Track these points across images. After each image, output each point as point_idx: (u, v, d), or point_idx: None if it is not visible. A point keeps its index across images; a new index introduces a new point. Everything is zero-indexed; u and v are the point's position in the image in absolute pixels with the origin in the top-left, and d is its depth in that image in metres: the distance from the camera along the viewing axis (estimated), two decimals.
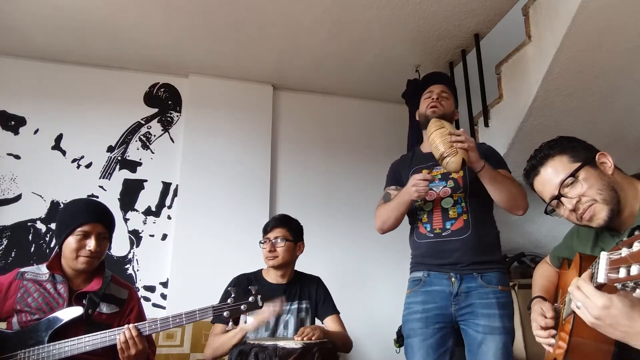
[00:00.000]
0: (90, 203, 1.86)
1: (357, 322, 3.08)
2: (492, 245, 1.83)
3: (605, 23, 2.18)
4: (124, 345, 1.55)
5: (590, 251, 1.30)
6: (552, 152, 1.27)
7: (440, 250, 1.81)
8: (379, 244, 3.27)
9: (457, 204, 1.83)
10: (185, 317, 1.62)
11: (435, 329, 1.77)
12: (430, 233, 1.85)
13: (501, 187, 1.74)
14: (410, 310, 1.85)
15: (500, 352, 1.67)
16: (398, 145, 3.39)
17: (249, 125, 3.49)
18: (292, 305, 2.13)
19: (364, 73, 3.50)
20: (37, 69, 3.22)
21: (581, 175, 1.21)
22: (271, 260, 2.14)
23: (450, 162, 1.66)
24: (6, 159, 3.05)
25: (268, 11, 2.79)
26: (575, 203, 1.21)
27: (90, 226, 1.68)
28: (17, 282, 1.68)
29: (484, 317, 1.71)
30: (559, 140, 1.31)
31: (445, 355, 1.76)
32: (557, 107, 2.56)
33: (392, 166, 2.11)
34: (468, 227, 1.80)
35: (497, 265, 1.81)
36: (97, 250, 1.69)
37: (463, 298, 1.75)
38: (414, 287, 1.88)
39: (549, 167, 1.27)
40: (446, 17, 2.85)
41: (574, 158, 1.24)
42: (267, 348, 1.63)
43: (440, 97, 1.96)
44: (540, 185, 1.30)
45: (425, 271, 1.85)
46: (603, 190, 1.19)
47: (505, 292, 1.78)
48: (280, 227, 2.18)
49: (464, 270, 1.78)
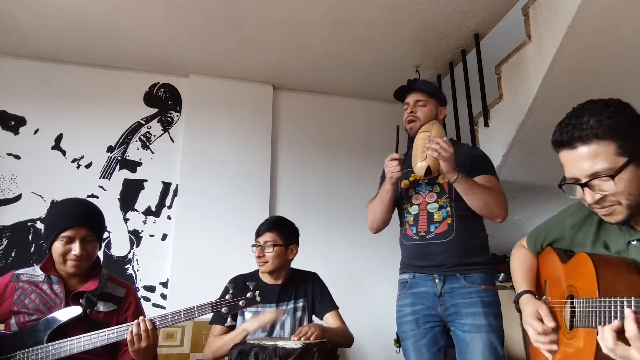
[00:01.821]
0: (73, 205, 1.75)
1: (357, 322, 3.07)
2: (476, 249, 1.84)
3: (605, 23, 2.17)
4: (136, 337, 1.54)
5: (592, 244, 1.21)
6: (601, 132, 1.02)
7: (424, 252, 1.84)
8: (379, 243, 3.26)
9: (443, 208, 1.85)
10: (183, 313, 1.61)
11: (426, 329, 1.81)
12: (415, 235, 1.87)
13: (476, 197, 1.75)
14: (402, 313, 1.88)
15: (488, 350, 1.68)
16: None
17: (249, 125, 3.49)
18: (288, 305, 2.13)
19: (364, 73, 3.50)
20: (37, 69, 3.23)
21: (620, 175, 1.02)
22: (261, 266, 2.13)
23: (416, 167, 1.72)
24: (6, 159, 3.05)
25: (268, 11, 2.79)
26: (598, 199, 1.06)
27: (73, 231, 1.64)
28: (12, 284, 1.67)
29: (468, 317, 1.73)
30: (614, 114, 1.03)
31: (439, 353, 1.80)
32: (557, 107, 2.56)
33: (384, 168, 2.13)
34: (452, 230, 1.82)
35: (481, 267, 1.82)
36: (83, 254, 1.65)
37: (447, 298, 1.78)
38: (402, 289, 1.92)
39: (589, 149, 1.03)
40: (446, 17, 2.85)
41: (621, 150, 1.02)
42: (267, 348, 1.63)
43: (415, 108, 1.96)
44: (568, 161, 1.08)
45: (411, 273, 1.89)
46: (632, 196, 1.04)
47: (490, 291, 1.79)
48: (270, 231, 2.15)
49: (447, 272, 1.80)
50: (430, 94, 1.98)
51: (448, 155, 1.66)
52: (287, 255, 2.18)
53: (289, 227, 2.23)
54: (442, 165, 1.68)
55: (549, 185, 3.06)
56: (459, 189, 1.74)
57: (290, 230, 2.22)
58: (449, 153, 1.67)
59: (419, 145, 1.75)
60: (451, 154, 1.67)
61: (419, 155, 1.72)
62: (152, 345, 1.58)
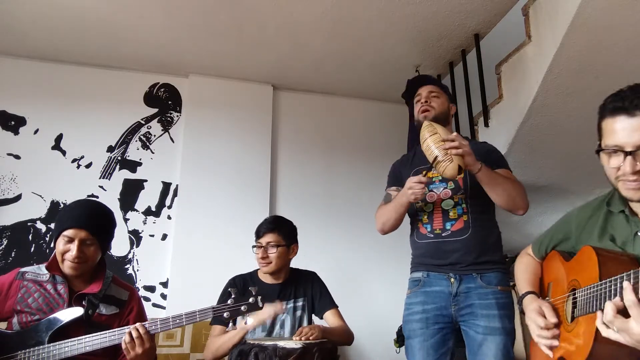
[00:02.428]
0: (83, 207, 1.76)
1: (357, 322, 3.07)
2: (492, 246, 1.82)
3: (605, 23, 2.17)
4: (130, 345, 1.54)
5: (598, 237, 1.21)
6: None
7: (440, 250, 1.81)
8: (379, 243, 3.27)
9: (458, 205, 1.82)
10: (185, 317, 1.61)
11: (435, 329, 1.77)
12: (430, 233, 1.84)
13: (499, 188, 1.72)
14: (411, 311, 1.84)
15: (501, 353, 1.67)
16: (398, 145, 3.39)
17: (249, 125, 3.49)
18: (288, 304, 2.13)
19: (364, 73, 3.50)
20: (37, 69, 3.23)
21: None
22: (264, 267, 2.13)
23: (447, 170, 1.65)
24: (6, 159, 3.05)
25: (268, 11, 2.79)
26: (638, 169, 1.05)
27: (73, 231, 1.64)
28: (17, 282, 1.67)
29: (483, 318, 1.71)
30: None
31: (445, 355, 1.76)
32: (557, 107, 2.56)
33: (393, 166, 2.10)
34: (468, 227, 1.79)
35: (497, 266, 1.80)
36: (79, 256, 1.63)
37: (462, 298, 1.75)
38: (414, 287, 1.87)
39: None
40: (446, 17, 2.85)
41: None
42: (267, 348, 1.63)
43: (429, 98, 1.95)
44: (620, 126, 1.08)
45: (424, 271, 1.85)
46: None
47: (505, 292, 1.77)
48: (272, 232, 2.15)
49: (463, 271, 1.77)
50: (442, 87, 2.00)
51: (469, 149, 1.64)
52: (289, 255, 2.19)
53: (288, 226, 2.23)
54: (468, 159, 1.64)
55: (549, 185, 3.06)
56: (482, 180, 1.70)
57: (290, 229, 2.23)
58: (468, 146, 1.64)
59: (437, 148, 1.67)
60: (469, 146, 1.65)
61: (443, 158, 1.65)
62: (149, 350, 1.57)
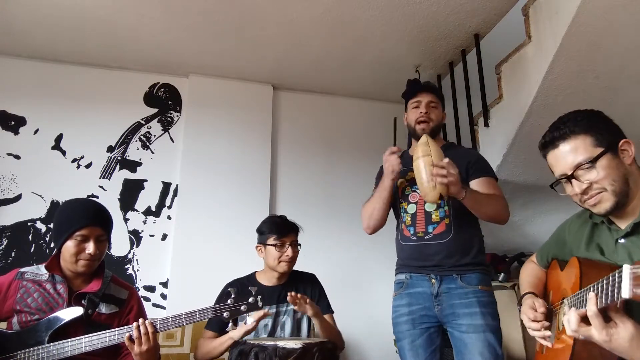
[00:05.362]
0: (87, 205, 1.80)
1: (357, 322, 3.08)
2: (473, 249, 1.85)
3: (605, 23, 2.17)
4: (137, 340, 1.55)
5: (585, 246, 1.28)
6: (577, 129, 1.20)
7: (422, 253, 1.84)
8: (379, 243, 3.26)
9: (440, 208, 1.85)
10: (185, 317, 1.62)
11: (422, 329, 1.82)
12: (413, 236, 1.88)
13: (483, 209, 1.78)
14: (398, 313, 1.89)
15: (487, 350, 1.69)
16: (398, 145, 3.39)
17: (249, 125, 3.49)
18: (288, 306, 2.12)
19: (364, 73, 3.50)
20: (37, 69, 3.22)
21: (600, 163, 1.16)
22: (288, 264, 2.13)
23: (428, 196, 1.70)
24: (6, 159, 3.05)
25: (268, 11, 2.79)
26: (585, 188, 1.18)
27: (88, 230, 1.66)
28: (16, 282, 1.67)
29: (465, 317, 1.73)
30: (587, 115, 1.23)
31: (435, 353, 1.80)
32: (557, 107, 2.55)
33: (380, 169, 2.12)
34: (450, 230, 1.82)
35: (479, 267, 1.83)
36: (97, 253, 1.67)
37: (444, 299, 1.78)
38: (398, 289, 1.92)
39: (569, 145, 1.20)
40: (446, 17, 2.85)
41: (597, 142, 1.18)
42: (267, 348, 1.63)
43: (429, 109, 1.97)
44: (554, 159, 1.25)
45: (407, 273, 1.89)
46: (616, 182, 1.15)
47: (487, 291, 1.80)
48: (295, 231, 2.20)
49: (444, 272, 1.80)
50: (439, 98, 2.03)
51: (455, 179, 1.65)
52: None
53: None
54: (452, 189, 1.67)
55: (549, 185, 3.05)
56: (467, 204, 1.74)
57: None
58: (456, 176, 1.65)
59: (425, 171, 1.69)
60: (457, 176, 1.66)
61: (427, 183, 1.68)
62: (153, 349, 1.58)
